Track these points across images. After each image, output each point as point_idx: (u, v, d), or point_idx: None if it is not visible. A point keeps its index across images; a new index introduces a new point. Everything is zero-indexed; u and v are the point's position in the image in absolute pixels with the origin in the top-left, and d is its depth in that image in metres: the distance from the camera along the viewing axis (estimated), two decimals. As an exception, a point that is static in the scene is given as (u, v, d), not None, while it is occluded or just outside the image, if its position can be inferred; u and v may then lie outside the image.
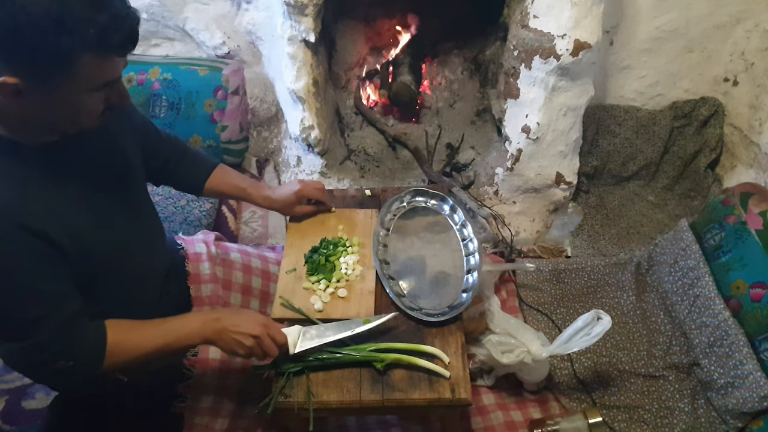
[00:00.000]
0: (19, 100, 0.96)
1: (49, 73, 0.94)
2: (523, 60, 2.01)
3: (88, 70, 0.96)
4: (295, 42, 2.04)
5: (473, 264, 1.48)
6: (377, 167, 2.43)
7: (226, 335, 1.18)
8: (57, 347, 1.06)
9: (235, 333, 1.18)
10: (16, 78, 0.93)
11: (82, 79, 0.97)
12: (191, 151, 1.52)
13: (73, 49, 0.92)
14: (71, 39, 0.91)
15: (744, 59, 2.26)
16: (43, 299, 1.05)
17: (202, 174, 1.50)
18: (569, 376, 1.78)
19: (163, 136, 1.45)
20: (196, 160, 1.51)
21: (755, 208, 1.73)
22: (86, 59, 0.94)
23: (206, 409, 1.37)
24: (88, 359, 1.10)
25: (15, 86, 0.94)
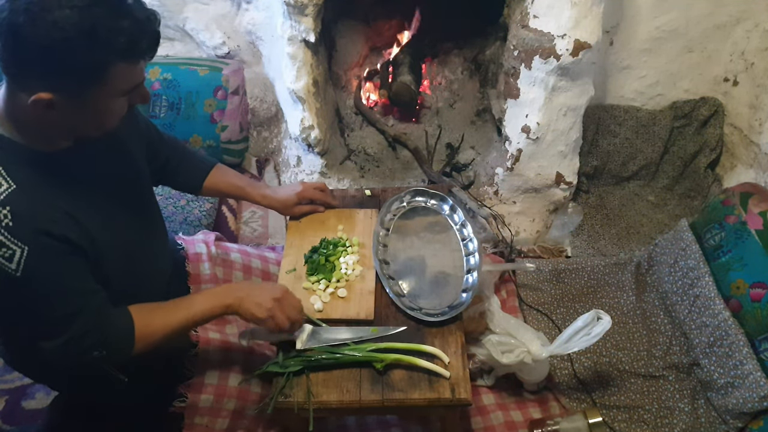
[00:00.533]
0: (50, 112, 0.98)
1: (83, 84, 0.97)
2: (523, 60, 2.01)
3: (119, 77, 0.98)
4: (295, 42, 2.04)
5: (473, 264, 1.48)
6: (377, 167, 2.43)
7: (245, 304, 1.22)
8: (91, 339, 1.09)
9: (251, 303, 1.22)
10: (50, 93, 0.95)
11: (112, 87, 0.99)
12: (190, 152, 1.53)
13: (106, 60, 0.95)
14: (104, 50, 0.93)
15: (744, 59, 2.26)
16: (74, 296, 1.08)
17: (200, 173, 1.50)
18: (569, 376, 1.78)
19: (164, 137, 1.46)
20: (195, 160, 1.52)
21: (755, 208, 1.73)
22: (118, 68, 0.97)
23: (206, 409, 1.37)
24: (120, 346, 1.14)
25: (48, 101, 0.95)
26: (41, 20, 0.88)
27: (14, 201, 0.98)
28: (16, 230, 0.97)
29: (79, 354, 1.10)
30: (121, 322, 1.15)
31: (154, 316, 1.19)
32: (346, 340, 1.32)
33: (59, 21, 0.88)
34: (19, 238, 0.98)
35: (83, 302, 1.09)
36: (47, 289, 1.04)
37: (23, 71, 0.95)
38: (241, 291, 1.23)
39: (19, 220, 0.98)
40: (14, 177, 1.00)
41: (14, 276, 0.98)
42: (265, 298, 1.22)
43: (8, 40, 0.91)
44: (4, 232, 0.97)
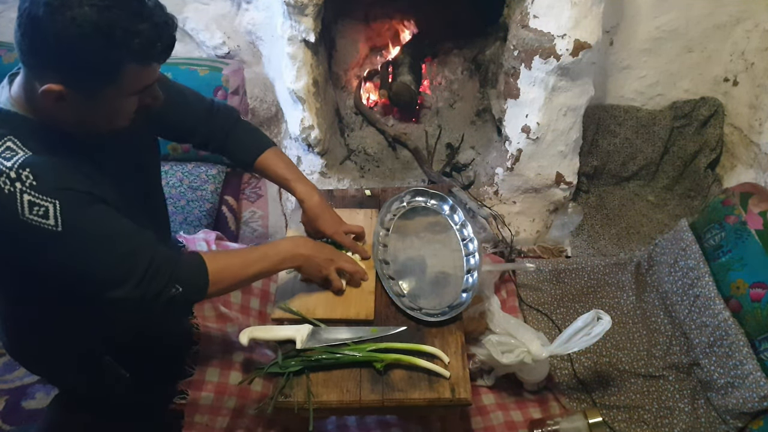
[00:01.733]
0: (60, 104, 0.99)
1: (95, 82, 0.98)
2: (523, 60, 2.01)
3: (131, 77, 0.99)
4: (295, 42, 2.04)
5: (473, 264, 1.48)
6: (377, 167, 2.43)
7: (312, 260, 1.31)
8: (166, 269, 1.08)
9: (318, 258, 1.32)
10: (61, 86, 0.96)
11: (123, 86, 1.00)
12: (243, 127, 1.47)
13: (119, 60, 0.96)
14: (119, 51, 0.94)
15: (744, 59, 2.26)
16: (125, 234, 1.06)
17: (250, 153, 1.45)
18: (569, 376, 1.78)
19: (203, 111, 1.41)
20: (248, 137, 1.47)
21: (755, 208, 1.73)
22: (130, 68, 0.98)
23: (206, 407, 1.37)
24: (195, 282, 1.13)
25: (59, 93, 0.96)
26: (60, 15, 0.89)
27: (33, 163, 0.98)
28: (41, 187, 0.97)
29: (157, 293, 1.07)
30: (189, 259, 1.15)
31: (230, 260, 1.21)
32: (346, 340, 1.32)
33: (78, 17, 0.90)
34: (47, 194, 0.97)
35: (137, 239, 1.07)
36: (95, 234, 1.02)
37: (38, 62, 0.96)
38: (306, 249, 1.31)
39: (42, 179, 0.97)
40: (30, 146, 1.01)
41: (57, 231, 0.97)
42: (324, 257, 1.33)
43: (27, 29, 0.92)
44: (31, 191, 0.96)
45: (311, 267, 1.32)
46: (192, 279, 1.12)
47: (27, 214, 0.95)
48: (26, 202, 0.95)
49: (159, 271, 1.07)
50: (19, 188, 0.95)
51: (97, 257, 1.03)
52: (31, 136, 1.02)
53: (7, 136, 1.00)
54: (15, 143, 1.00)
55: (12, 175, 0.96)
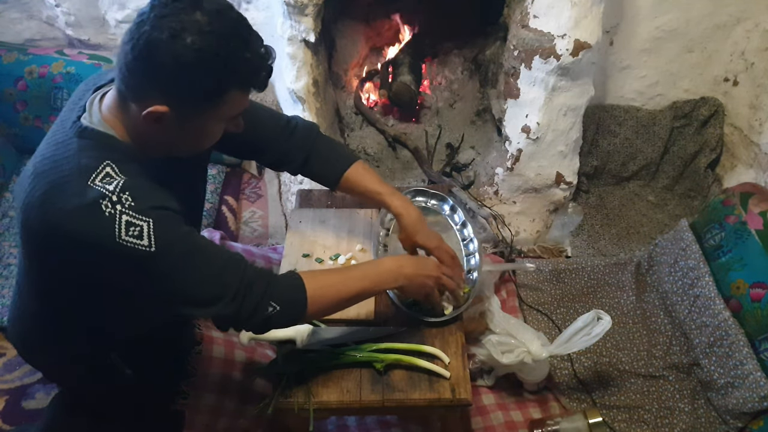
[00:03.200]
0: (156, 126, 1.00)
1: (200, 106, 1.00)
2: (523, 60, 2.01)
3: (232, 103, 1.02)
4: (295, 42, 2.04)
5: (473, 264, 1.48)
6: (377, 167, 2.43)
7: (415, 280, 1.25)
8: (261, 285, 1.08)
9: (421, 277, 1.26)
10: (166, 107, 0.97)
11: (223, 112, 1.03)
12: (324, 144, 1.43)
13: (227, 87, 0.99)
14: (229, 77, 0.98)
15: (744, 59, 2.26)
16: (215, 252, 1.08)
17: (333, 171, 1.42)
18: (569, 376, 1.78)
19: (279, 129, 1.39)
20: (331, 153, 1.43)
21: (755, 208, 1.73)
22: (233, 94, 1.01)
23: (208, 408, 1.37)
24: (292, 301, 1.12)
25: (162, 114, 0.98)
26: (181, 40, 0.92)
27: (131, 186, 1.00)
28: (138, 207, 0.99)
29: (252, 310, 1.07)
30: (286, 278, 1.14)
31: (329, 279, 1.19)
32: (346, 340, 1.32)
33: (197, 43, 0.92)
34: (143, 213, 0.99)
35: (227, 256, 1.08)
36: (187, 252, 1.03)
37: (149, 84, 0.97)
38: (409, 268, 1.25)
39: (139, 199, 0.99)
40: (125, 172, 1.02)
41: (150, 252, 0.98)
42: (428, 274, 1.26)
43: (143, 52, 0.94)
44: (129, 212, 0.98)
45: (413, 287, 1.26)
46: (289, 297, 1.11)
47: (123, 236, 0.97)
48: (124, 223, 0.97)
49: (252, 288, 1.07)
50: (119, 210, 0.97)
51: (190, 275, 1.04)
52: (124, 160, 1.04)
53: (106, 160, 1.02)
54: (113, 169, 1.01)
55: (114, 198, 0.98)
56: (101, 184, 0.98)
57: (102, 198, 0.97)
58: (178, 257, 1.02)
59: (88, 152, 1.02)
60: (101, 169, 1.00)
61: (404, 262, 1.27)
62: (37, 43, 2.31)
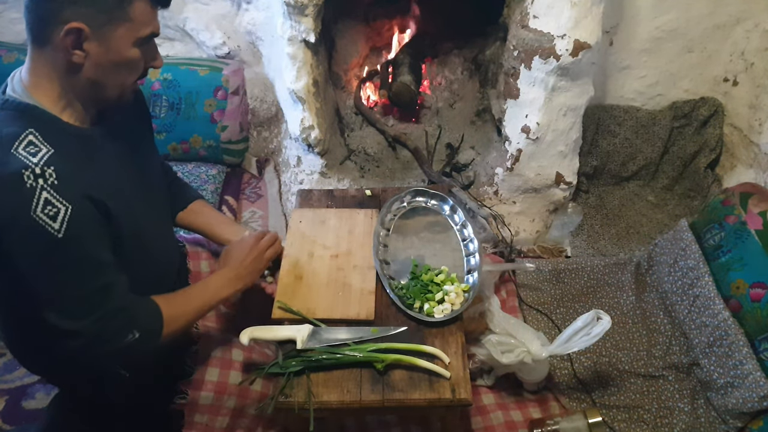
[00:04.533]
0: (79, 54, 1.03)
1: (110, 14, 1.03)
2: (523, 60, 2.01)
3: (141, 16, 1.06)
4: (295, 42, 2.04)
5: (473, 264, 1.48)
6: (377, 167, 2.43)
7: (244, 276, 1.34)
8: (123, 317, 1.09)
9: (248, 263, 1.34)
10: (80, 23, 1.00)
11: (134, 25, 1.06)
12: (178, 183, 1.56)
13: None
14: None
15: (744, 59, 2.27)
16: (108, 268, 1.08)
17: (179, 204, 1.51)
18: (569, 376, 1.78)
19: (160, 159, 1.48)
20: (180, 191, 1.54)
21: (755, 208, 1.73)
22: (140, 4, 1.05)
23: (206, 407, 1.37)
24: (150, 329, 1.15)
25: (80, 32, 1.01)
26: None
27: (56, 162, 1.00)
28: (61, 189, 0.99)
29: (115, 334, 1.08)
30: (148, 305, 1.16)
31: (176, 301, 1.23)
32: (347, 340, 1.32)
33: None
34: (65, 197, 0.99)
35: (115, 277, 1.09)
36: (84, 256, 1.04)
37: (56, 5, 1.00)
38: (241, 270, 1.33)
39: (64, 180, 0.99)
40: (50, 142, 1.03)
41: (56, 237, 0.98)
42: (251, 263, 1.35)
43: None
44: (51, 190, 0.98)
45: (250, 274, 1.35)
46: (148, 326, 1.14)
47: (38, 212, 0.97)
48: (42, 200, 0.97)
49: (118, 314, 1.08)
50: (41, 185, 0.97)
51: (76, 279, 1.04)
52: (51, 131, 1.05)
53: (28, 129, 1.02)
54: (36, 137, 1.02)
55: (37, 171, 0.98)
56: (25, 153, 0.99)
57: (24, 168, 0.97)
58: (76, 256, 1.02)
59: (9, 122, 1.04)
60: (24, 137, 1.01)
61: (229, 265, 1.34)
62: (37, 43, 2.31)
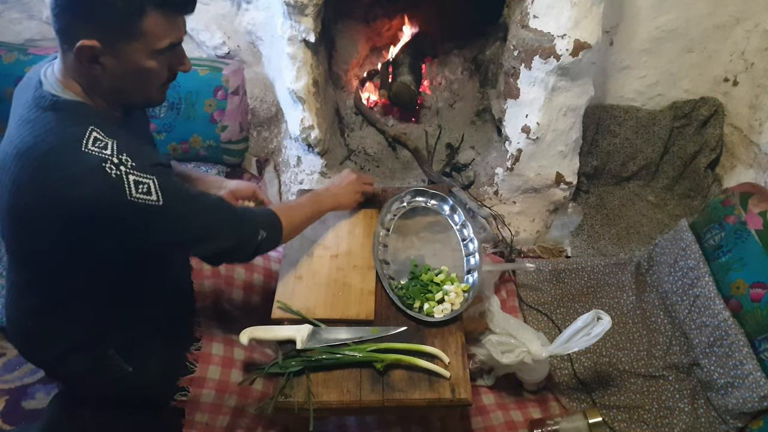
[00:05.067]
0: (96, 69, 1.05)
1: (121, 31, 1.03)
2: (523, 60, 2.01)
3: (155, 29, 1.04)
4: (295, 42, 2.04)
5: (473, 264, 1.48)
6: (377, 167, 2.43)
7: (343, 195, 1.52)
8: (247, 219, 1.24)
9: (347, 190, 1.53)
10: (93, 40, 1.01)
11: (149, 40, 1.05)
12: None
13: (142, 6, 1.01)
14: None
15: (744, 59, 2.26)
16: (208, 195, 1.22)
17: None
18: (569, 376, 1.78)
19: None
20: None
21: (755, 208, 1.73)
22: (153, 18, 1.03)
23: (207, 405, 1.37)
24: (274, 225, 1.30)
25: (92, 49, 1.02)
26: None
27: (124, 147, 1.06)
28: (140, 167, 1.05)
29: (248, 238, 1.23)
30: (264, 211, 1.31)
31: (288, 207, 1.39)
32: (346, 340, 1.32)
33: None
34: (146, 172, 1.05)
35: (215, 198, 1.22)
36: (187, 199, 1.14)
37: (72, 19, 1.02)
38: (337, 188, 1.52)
39: (137, 159, 1.06)
40: (110, 134, 1.07)
41: (160, 206, 1.06)
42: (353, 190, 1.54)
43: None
44: (134, 171, 1.04)
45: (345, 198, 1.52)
46: (270, 222, 1.29)
47: (135, 193, 1.03)
48: (132, 182, 1.03)
49: (244, 219, 1.22)
50: (124, 171, 1.03)
51: (195, 218, 1.15)
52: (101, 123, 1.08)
53: (89, 126, 1.06)
54: (98, 133, 1.06)
55: (115, 160, 1.03)
56: (96, 149, 1.03)
57: (104, 162, 1.02)
58: (182, 205, 1.12)
59: (68, 121, 1.07)
60: (88, 134, 1.05)
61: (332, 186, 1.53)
62: (37, 43, 2.31)
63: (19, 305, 1.27)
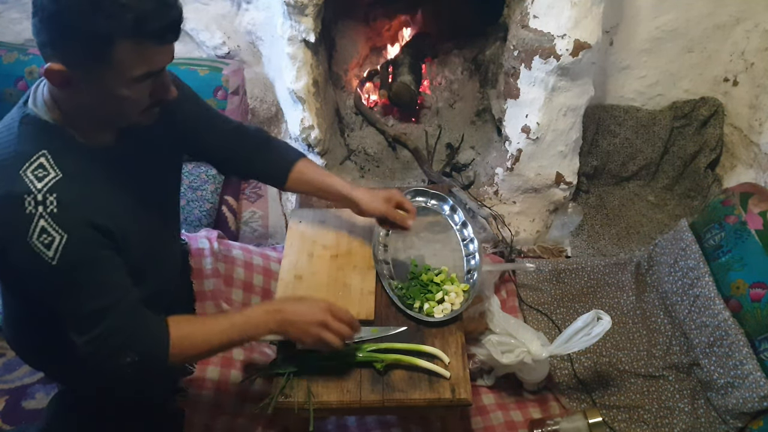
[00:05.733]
0: (69, 90, 1.00)
1: (89, 58, 0.96)
2: (523, 60, 2.01)
3: (126, 58, 0.96)
4: (295, 42, 2.04)
5: (473, 264, 1.48)
6: (377, 167, 2.43)
7: (292, 326, 1.18)
8: (119, 338, 1.06)
9: (299, 323, 1.18)
10: (60, 65, 0.96)
11: (121, 68, 0.97)
12: (272, 144, 1.45)
13: (111, 34, 0.93)
14: (107, 23, 0.92)
15: (744, 59, 2.26)
16: (109, 289, 1.07)
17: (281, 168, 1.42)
18: (569, 376, 1.78)
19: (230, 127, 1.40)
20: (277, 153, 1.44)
21: (755, 208, 1.73)
22: (123, 46, 0.94)
23: (207, 407, 1.37)
24: (152, 352, 1.10)
25: (62, 73, 0.96)
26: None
27: (61, 189, 0.99)
28: (59, 218, 0.98)
29: (110, 355, 1.07)
30: (154, 327, 1.12)
31: (194, 329, 1.16)
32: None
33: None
34: (61, 226, 0.98)
35: (115, 298, 1.07)
36: (81, 281, 1.03)
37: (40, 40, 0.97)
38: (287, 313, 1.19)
39: (64, 209, 0.99)
40: (61, 166, 1.02)
41: (50, 264, 0.98)
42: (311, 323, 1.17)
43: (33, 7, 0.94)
44: (48, 219, 0.98)
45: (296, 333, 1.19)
46: (149, 350, 1.10)
47: (34, 239, 0.97)
48: (39, 228, 0.97)
49: (113, 336, 1.06)
50: (40, 212, 0.97)
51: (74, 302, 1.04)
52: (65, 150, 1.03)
53: (41, 150, 1.01)
54: (48, 160, 1.01)
55: (39, 197, 0.97)
56: (31, 177, 0.98)
57: (27, 194, 0.97)
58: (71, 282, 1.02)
59: (27, 138, 1.03)
60: (36, 158, 1.00)
61: (282, 306, 1.21)
62: (37, 43, 2.31)
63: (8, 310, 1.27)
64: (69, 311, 1.06)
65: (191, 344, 1.13)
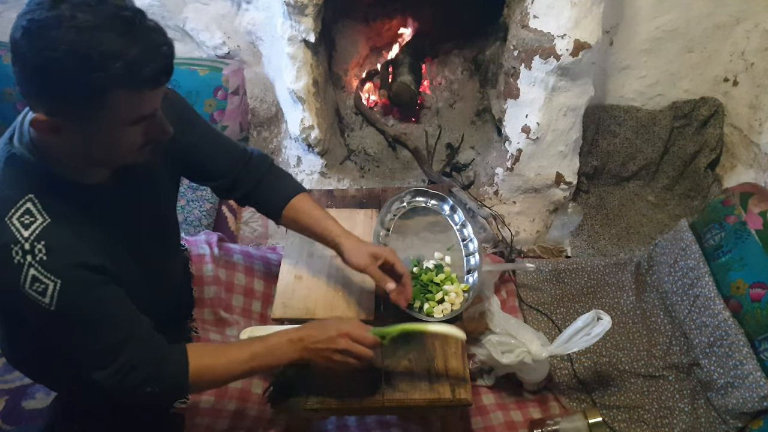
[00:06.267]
0: (59, 136, 0.95)
1: (81, 110, 0.92)
2: (523, 60, 2.01)
3: (121, 105, 0.92)
4: (295, 42, 2.04)
5: (473, 264, 1.48)
6: (377, 167, 2.43)
7: (314, 354, 1.18)
8: (141, 372, 1.06)
9: (322, 350, 1.17)
10: (46, 116, 0.91)
11: (115, 115, 0.93)
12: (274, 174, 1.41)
13: (103, 86, 0.89)
14: (100, 75, 0.87)
15: (744, 59, 2.26)
16: (118, 324, 1.05)
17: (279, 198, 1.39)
18: (569, 376, 1.78)
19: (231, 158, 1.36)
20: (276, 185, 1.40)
21: (755, 208, 1.73)
22: (118, 94, 0.91)
23: (207, 410, 1.37)
24: (173, 383, 1.10)
25: (50, 123, 0.92)
26: (38, 38, 0.85)
27: (49, 235, 0.97)
28: (50, 264, 0.96)
29: (132, 388, 1.06)
30: (174, 357, 1.10)
31: (215, 359, 1.15)
32: None
33: (55, 40, 0.85)
34: (53, 273, 0.96)
35: (127, 331, 1.06)
36: (85, 321, 1.02)
37: (25, 91, 0.92)
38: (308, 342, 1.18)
39: (54, 255, 0.97)
40: (49, 210, 0.99)
41: (48, 310, 0.97)
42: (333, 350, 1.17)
43: (13, 56, 0.89)
44: (39, 267, 0.95)
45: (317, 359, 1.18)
46: (170, 380, 1.10)
47: (26, 288, 0.95)
48: (30, 277, 0.95)
49: (135, 369, 1.05)
50: (29, 261, 0.95)
51: (84, 342, 1.04)
52: (52, 193, 1.00)
53: (28, 195, 0.98)
54: (35, 205, 0.98)
55: (26, 246, 0.95)
56: (18, 225, 0.95)
57: (13, 243, 0.94)
58: (75, 323, 1.01)
59: (11, 182, 0.99)
60: (22, 204, 0.97)
61: (303, 334, 1.19)
62: (37, 43, 2.31)
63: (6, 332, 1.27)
64: (81, 349, 1.05)
65: (212, 375, 1.14)
